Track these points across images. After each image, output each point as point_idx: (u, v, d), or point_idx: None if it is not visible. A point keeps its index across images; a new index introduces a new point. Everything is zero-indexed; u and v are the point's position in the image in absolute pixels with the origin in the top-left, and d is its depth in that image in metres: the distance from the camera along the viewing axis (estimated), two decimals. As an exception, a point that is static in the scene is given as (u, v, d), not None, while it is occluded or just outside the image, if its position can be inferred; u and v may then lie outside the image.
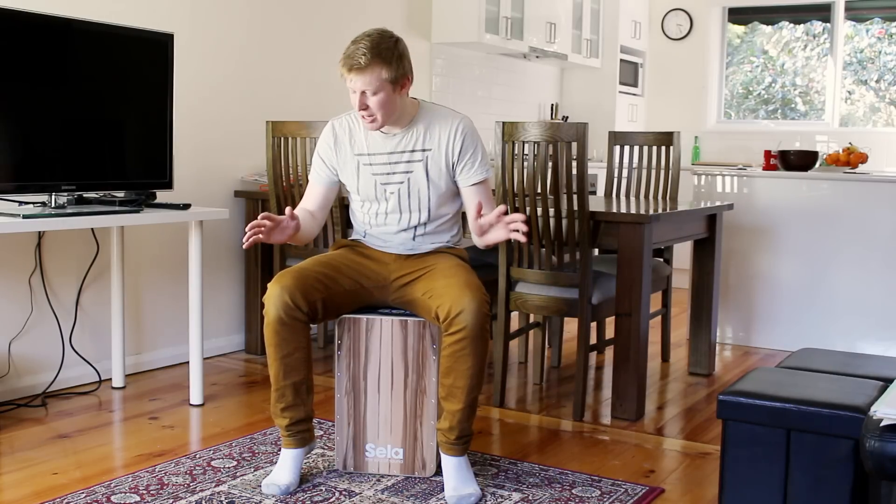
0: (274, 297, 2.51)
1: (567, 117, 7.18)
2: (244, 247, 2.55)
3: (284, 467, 2.62)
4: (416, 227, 2.70)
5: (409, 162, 2.65)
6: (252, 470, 2.74)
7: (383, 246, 2.74)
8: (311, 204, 2.77)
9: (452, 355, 2.50)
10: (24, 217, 2.87)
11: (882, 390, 2.21)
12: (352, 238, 2.84)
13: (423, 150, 2.64)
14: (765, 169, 4.89)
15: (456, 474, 2.56)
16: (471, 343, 2.48)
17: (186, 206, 3.38)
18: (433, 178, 2.65)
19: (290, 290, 2.50)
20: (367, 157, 2.68)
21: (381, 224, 2.72)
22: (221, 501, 2.49)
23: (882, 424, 1.77)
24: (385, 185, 2.67)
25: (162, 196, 3.49)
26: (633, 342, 3.33)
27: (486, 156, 2.71)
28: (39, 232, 3.47)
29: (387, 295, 2.70)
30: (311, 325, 2.61)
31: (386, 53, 2.50)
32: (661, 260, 4.15)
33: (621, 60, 7.12)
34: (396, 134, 2.65)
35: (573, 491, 2.64)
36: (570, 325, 4.78)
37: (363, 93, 2.51)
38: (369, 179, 2.68)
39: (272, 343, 2.55)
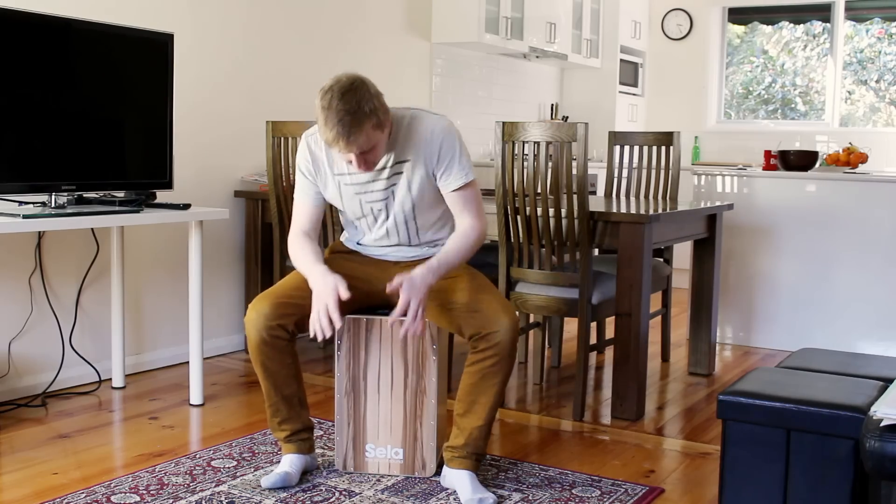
0: (252, 320, 2.51)
1: (567, 117, 7.18)
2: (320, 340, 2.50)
3: (286, 464, 2.64)
4: (408, 233, 2.64)
5: (389, 178, 2.54)
6: (252, 470, 2.74)
7: (380, 255, 2.70)
8: (307, 223, 2.63)
9: (479, 372, 2.50)
10: (24, 217, 2.87)
11: (882, 390, 2.21)
12: (346, 244, 2.78)
13: (403, 162, 2.53)
14: (765, 169, 4.89)
15: (470, 483, 2.53)
16: (500, 361, 2.48)
17: (186, 206, 3.38)
18: (414, 188, 2.55)
19: (268, 314, 2.50)
20: (347, 177, 2.57)
21: (372, 241, 2.68)
22: (221, 501, 2.49)
23: (882, 424, 1.77)
24: (370, 203, 2.59)
25: (162, 196, 3.49)
26: (633, 342, 3.33)
27: (466, 157, 2.55)
28: (39, 232, 3.47)
29: (388, 296, 2.68)
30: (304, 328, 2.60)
31: (366, 106, 2.31)
32: (661, 260, 4.15)
33: (621, 60, 7.12)
34: None
35: (573, 491, 2.64)
36: (570, 325, 4.78)
37: (360, 153, 2.37)
38: (353, 199, 2.59)
39: (258, 362, 2.56)
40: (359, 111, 2.30)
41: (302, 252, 2.57)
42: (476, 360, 2.50)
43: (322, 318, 2.41)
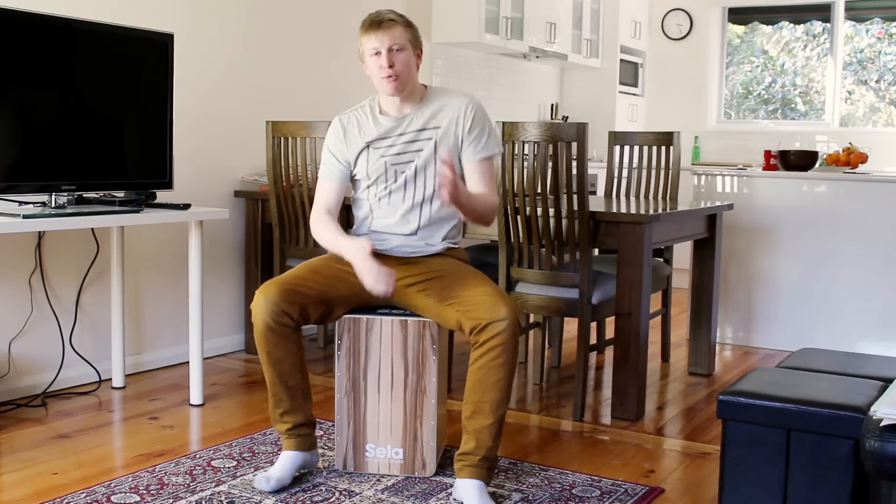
0: (259, 305, 2.52)
1: (567, 117, 7.18)
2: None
3: (279, 465, 2.62)
4: (420, 205, 2.68)
5: (417, 140, 2.68)
6: (252, 470, 2.74)
7: (385, 249, 2.72)
8: (331, 202, 2.75)
9: (483, 367, 2.48)
10: (24, 217, 2.87)
11: (882, 390, 2.21)
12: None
13: (434, 128, 2.68)
14: (765, 169, 4.89)
15: (478, 496, 2.47)
16: (504, 352, 2.46)
17: (186, 206, 3.38)
18: (441, 151, 2.67)
19: (275, 298, 2.51)
20: (377, 142, 2.70)
21: (386, 206, 2.71)
22: (221, 501, 2.49)
23: (882, 424, 1.77)
24: (395, 165, 2.69)
25: (162, 196, 3.49)
26: (633, 342, 3.33)
27: (495, 135, 2.74)
28: (39, 232, 3.47)
29: (390, 297, 2.69)
30: (304, 329, 2.62)
31: (406, 18, 2.67)
32: (661, 260, 4.15)
33: (621, 60, 7.12)
34: (406, 115, 2.69)
35: (573, 491, 2.64)
36: (570, 325, 4.78)
37: (389, 50, 2.58)
38: (378, 161, 2.69)
39: (263, 349, 2.56)
40: (398, 16, 2.66)
41: (326, 229, 2.69)
42: (479, 355, 2.49)
43: (378, 276, 2.48)
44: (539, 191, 3.27)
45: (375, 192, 2.73)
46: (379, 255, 2.71)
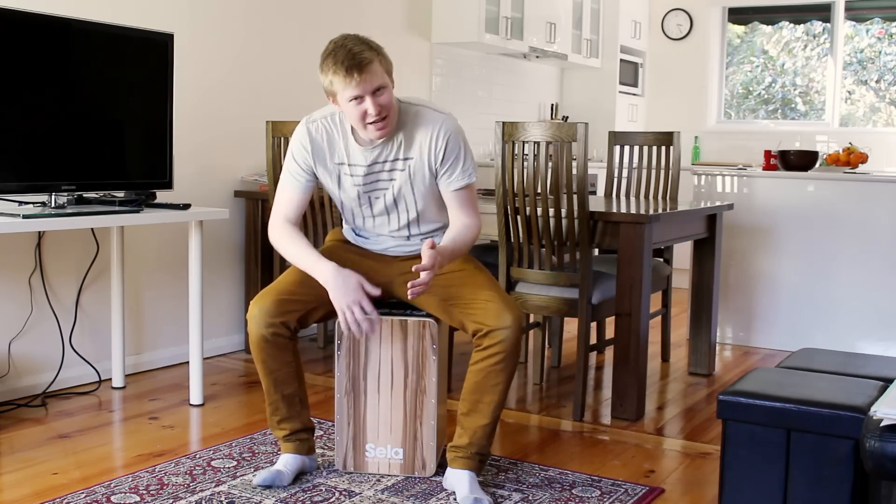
0: (255, 317, 2.50)
1: (567, 117, 7.18)
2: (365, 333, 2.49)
3: (280, 463, 2.64)
4: (408, 224, 2.63)
5: (391, 171, 2.54)
6: (252, 470, 2.74)
7: (380, 249, 2.70)
8: (292, 211, 2.58)
9: (484, 370, 2.49)
10: (24, 217, 2.87)
11: (882, 390, 2.21)
12: (346, 234, 2.78)
13: (405, 160, 2.53)
14: (765, 169, 4.89)
15: (469, 483, 2.51)
16: (505, 359, 2.47)
17: (186, 206, 3.38)
18: (417, 184, 2.55)
19: (271, 311, 2.49)
20: (347, 168, 2.56)
21: (371, 227, 2.67)
22: (221, 501, 2.49)
23: (882, 424, 1.77)
24: (369, 193, 2.58)
25: (162, 196, 3.49)
26: (633, 342, 3.33)
27: (470, 158, 2.56)
28: (39, 232, 3.47)
29: (390, 290, 2.67)
30: (300, 334, 2.59)
31: (375, 45, 2.42)
32: (661, 260, 4.15)
33: (621, 60, 7.12)
34: (378, 144, 2.51)
35: (573, 491, 2.64)
36: (570, 325, 4.78)
37: (373, 93, 2.38)
38: (351, 189, 2.58)
39: (259, 359, 2.56)
40: (369, 47, 2.40)
41: (295, 245, 2.54)
42: (480, 358, 2.50)
43: (361, 320, 2.43)
44: (539, 191, 3.27)
45: (354, 212, 2.64)
46: (375, 258, 2.70)
